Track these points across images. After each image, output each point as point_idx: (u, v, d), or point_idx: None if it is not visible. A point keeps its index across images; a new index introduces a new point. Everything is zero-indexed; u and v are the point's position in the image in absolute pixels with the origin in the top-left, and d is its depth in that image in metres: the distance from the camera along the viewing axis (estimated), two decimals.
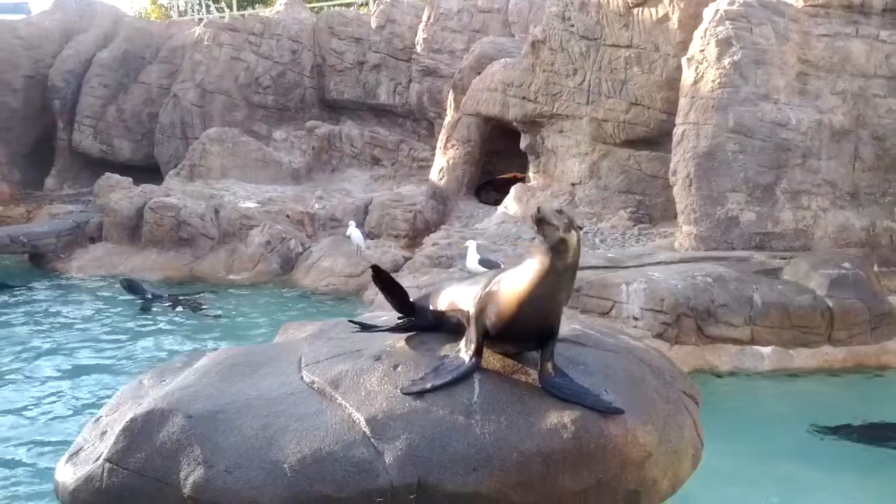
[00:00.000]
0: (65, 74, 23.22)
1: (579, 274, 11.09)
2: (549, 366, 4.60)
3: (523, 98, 15.25)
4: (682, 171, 12.68)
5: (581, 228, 4.50)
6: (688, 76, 12.90)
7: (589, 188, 15.10)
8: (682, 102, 12.92)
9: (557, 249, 4.30)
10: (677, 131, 12.89)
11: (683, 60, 13.17)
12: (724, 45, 12.47)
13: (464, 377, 4.61)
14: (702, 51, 12.75)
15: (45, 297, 15.01)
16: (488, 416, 4.41)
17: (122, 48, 23.60)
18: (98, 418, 5.53)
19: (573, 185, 15.24)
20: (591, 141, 15.01)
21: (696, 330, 10.42)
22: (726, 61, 12.40)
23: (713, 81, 12.45)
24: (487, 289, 4.64)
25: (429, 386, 4.63)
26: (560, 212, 4.34)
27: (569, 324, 5.42)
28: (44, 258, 17.32)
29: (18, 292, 15.17)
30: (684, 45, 13.58)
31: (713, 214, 12.38)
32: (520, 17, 19.66)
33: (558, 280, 4.39)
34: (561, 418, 4.37)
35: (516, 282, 4.46)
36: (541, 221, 4.24)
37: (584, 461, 4.29)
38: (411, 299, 5.48)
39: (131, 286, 14.42)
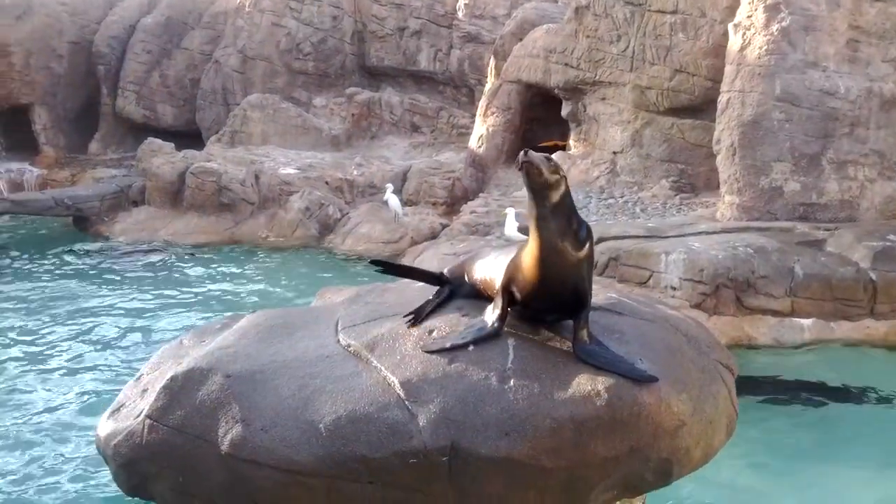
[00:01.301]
0: (109, 40, 23.39)
1: (618, 244, 11.10)
2: (584, 333, 4.59)
3: (566, 65, 15.07)
4: (727, 140, 12.49)
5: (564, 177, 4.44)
6: (734, 42, 12.66)
7: (630, 157, 14.93)
8: (728, 70, 12.69)
9: (539, 192, 4.32)
10: (722, 99, 12.69)
11: (730, 26, 12.91)
12: (772, 10, 12.19)
13: (483, 340, 4.63)
14: (749, 16, 12.48)
15: (88, 259, 15.28)
16: (522, 381, 4.42)
17: (165, 14, 23.70)
18: (139, 376, 5.67)
19: (615, 153, 15.08)
20: (634, 109, 14.81)
21: (735, 301, 10.33)
22: (774, 27, 12.13)
23: (760, 48, 12.20)
24: (515, 256, 4.65)
25: (448, 345, 4.66)
26: (549, 159, 4.34)
27: (605, 293, 5.41)
28: (88, 221, 17.59)
29: (64, 256, 15.46)
30: (731, 11, 13.31)
31: (757, 184, 12.20)
32: None
33: (549, 225, 4.36)
34: (594, 385, 4.37)
35: (530, 242, 4.48)
36: (526, 164, 4.21)
37: (616, 428, 4.29)
38: (444, 270, 5.52)
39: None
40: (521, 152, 4.29)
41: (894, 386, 9.02)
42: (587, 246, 4.50)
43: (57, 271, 14.33)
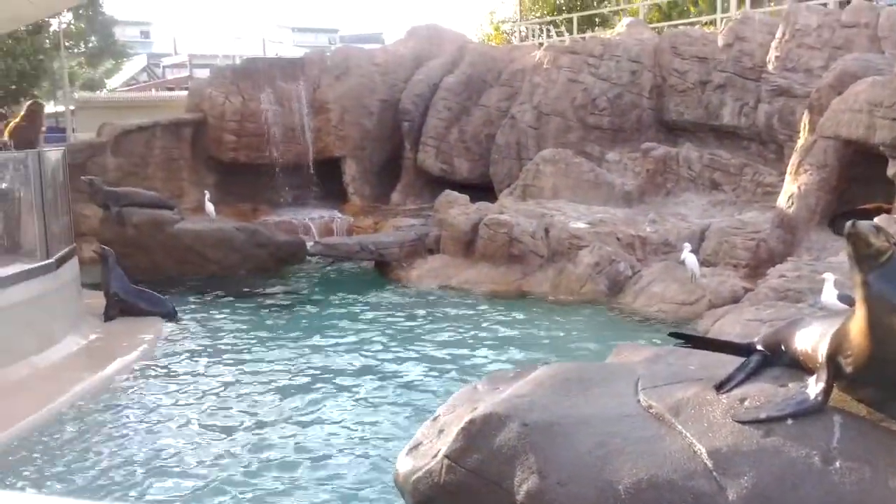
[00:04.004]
0: (414, 98, 24.86)
1: None
2: None
3: (893, 119, 13.70)
4: None
5: None
6: None
7: None
8: None
9: (865, 261, 4.03)
10: None
11: None
12: None
13: (804, 413, 4.27)
14: None
15: (389, 301, 16.13)
16: (849, 463, 3.99)
17: (466, 73, 24.81)
18: (436, 417, 5.79)
19: None
20: None
21: None
22: None
23: None
24: (842, 325, 4.25)
25: (763, 416, 4.35)
26: (878, 228, 4.03)
27: None
28: (388, 266, 18.64)
29: (366, 297, 16.46)
30: None
31: None
32: (892, 31, 17.46)
33: (878, 295, 4.00)
34: None
35: (857, 314, 4.12)
36: (853, 235, 4.02)
37: None
38: (756, 339, 5.19)
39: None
40: (849, 223, 4.07)
41: None
42: None
43: (361, 311, 15.27)
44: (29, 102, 16.41)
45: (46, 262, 12.18)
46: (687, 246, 14.71)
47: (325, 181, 24.54)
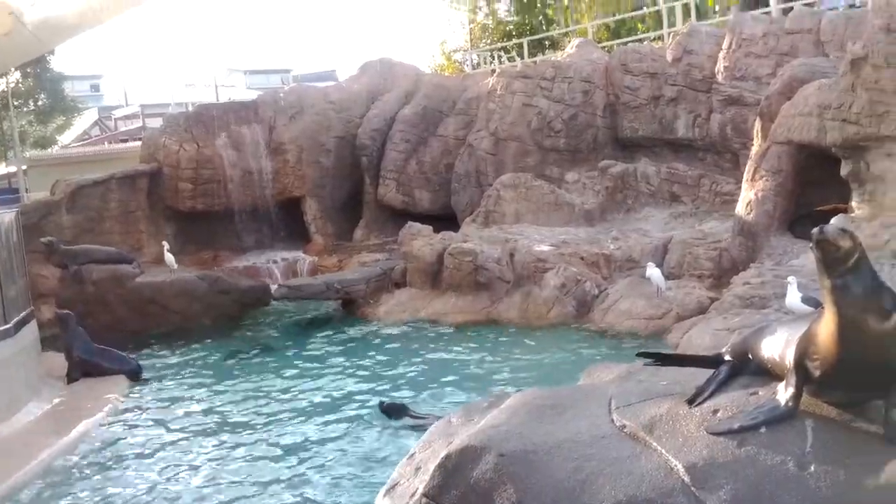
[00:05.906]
0: (371, 133, 24.87)
1: None
2: None
3: (843, 121, 13.89)
4: None
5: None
6: None
7: None
8: None
9: (833, 264, 4.03)
10: None
11: None
12: None
13: (776, 421, 4.29)
14: None
15: (356, 339, 16.02)
16: (824, 467, 4.02)
17: (421, 104, 24.92)
18: (412, 454, 5.71)
19: None
20: None
21: None
22: None
23: None
24: (808, 330, 4.29)
25: (736, 426, 4.35)
26: (843, 230, 4.06)
27: None
28: (355, 303, 18.51)
29: (335, 337, 16.32)
30: None
31: None
32: (834, 34, 17.86)
33: (846, 296, 4.01)
34: None
35: (826, 317, 4.13)
36: (823, 242, 4.00)
37: None
38: (724, 349, 5.21)
39: None
40: (816, 229, 4.08)
41: None
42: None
43: (330, 352, 15.15)
44: None
45: (4, 327, 11.92)
46: (650, 262, 14.81)
47: (287, 222, 24.40)
